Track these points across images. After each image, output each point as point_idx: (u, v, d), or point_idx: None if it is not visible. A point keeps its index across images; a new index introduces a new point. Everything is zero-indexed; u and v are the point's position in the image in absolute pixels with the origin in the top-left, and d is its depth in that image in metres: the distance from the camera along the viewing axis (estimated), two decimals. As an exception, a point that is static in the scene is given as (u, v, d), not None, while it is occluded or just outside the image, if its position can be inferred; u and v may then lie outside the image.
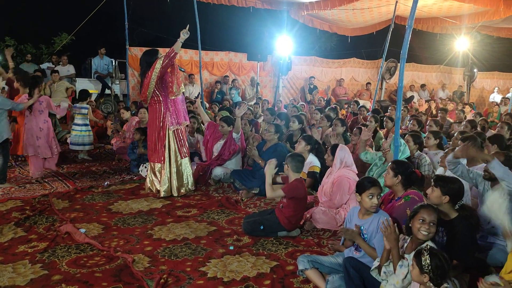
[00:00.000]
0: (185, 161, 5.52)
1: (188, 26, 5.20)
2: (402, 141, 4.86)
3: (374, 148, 5.95)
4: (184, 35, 5.12)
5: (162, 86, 5.25)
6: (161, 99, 5.27)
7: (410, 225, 2.76)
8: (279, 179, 4.50)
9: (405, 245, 2.83)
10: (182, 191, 5.43)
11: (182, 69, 5.82)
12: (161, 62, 5.05)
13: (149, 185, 5.54)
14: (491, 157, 3.28)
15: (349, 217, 3.35)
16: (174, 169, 5.37)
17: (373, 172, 4.98)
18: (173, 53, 5.07)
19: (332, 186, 4.44)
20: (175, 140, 5.38)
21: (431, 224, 2.65)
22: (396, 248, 2.70)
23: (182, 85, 5.46)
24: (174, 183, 5.36)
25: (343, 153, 4.50)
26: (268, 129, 5.91)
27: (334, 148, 4.58)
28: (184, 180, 5.49)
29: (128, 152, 6.83)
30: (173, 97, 5.31)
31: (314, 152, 5.33)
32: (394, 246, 2.70)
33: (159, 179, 5.37)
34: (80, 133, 7.46)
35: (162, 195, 5.29)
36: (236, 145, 6.09)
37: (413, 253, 2.60)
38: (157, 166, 5.40)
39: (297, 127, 6.32)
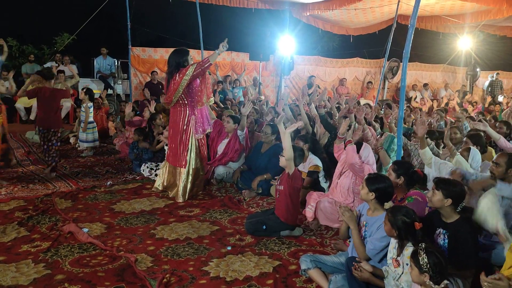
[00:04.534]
0: (202, 167, 5.47)
1: (227, 39, 5.05)
2: (396, 140, 4.86)
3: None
4: (223, 48, 5.01)
5: (189, 91, 5.12)
6: (186, 102, 5.16)
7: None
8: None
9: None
10: (192, 194, 5.37)
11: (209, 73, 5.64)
12: (193, 70, 4.94)
13: (158, 184, 5.51)
14: (493, 182, 3.34)
15: (361, 208, 3.34)
16: (192, 173, 5.29)
17: None
18: (207, 64, 4.96)
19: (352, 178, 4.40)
20: (197, 145, 5.29)
21: None
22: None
23: (212, 96, 5.33)
24: (189, 187, 5.28)
25: (368, 152, 4.40)
26: (265, 131, 5.80)
27: (358, 146, 4.53)
28: (196, 185, 5.42)
29: (128, 152, 6.86)
30: (200, 107, 5.23)
31: (312, 150, 5.30)
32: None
33: (178, 181, 5.27)
34: (91, 131, 7.74)
35: (180, 200, 5.18)
36: (240, 144, 6.07)
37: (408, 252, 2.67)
38: (177, 169, 5.31)
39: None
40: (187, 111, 5.19)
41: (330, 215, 4.31)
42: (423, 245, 2.47)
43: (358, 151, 4.40)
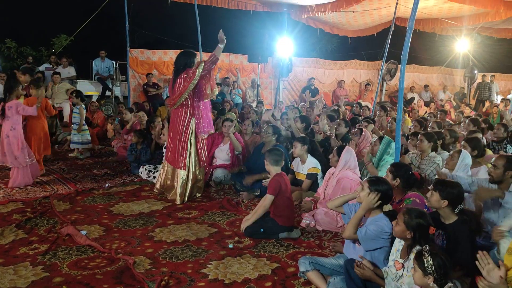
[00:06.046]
0: (202, 170, 5.45)
1: (221, 30, 4.96)
2: (393, 144, 4.87)
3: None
4: (223, 40, 4.99)
5: (194, 91, 5.11)
6: (189, 103, 5.14)
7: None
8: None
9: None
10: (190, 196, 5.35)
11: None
12: (202, 69, 4.93)
13: (157, 186, 5.50)
14: (501, 193, 3.30)
15: (352, 208, 3.32)
16: (191, 176, 5.27)
17: (365, 175, 4.99)
18: (215, 58, 4.94)
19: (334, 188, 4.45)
20: (196, 148, 5.28)
21: None
22: None
23: (216, 87, 5.30)
24: (188, 189, 5.26)
25: (349, 156, 4.47)
26: (266, 130, 5.91)
27: (341, 149, 4.57)
28: (195, 188, 5.41)
29: (127, 154, 6.85)
30: (206, 100, 5.22)
31: (311, 151, 5.32)
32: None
33: (176, 183, 5.24)
34: (85, 132, 7.70)
35: (178, 201, 5.16)
36: (239, 159, 6.12)
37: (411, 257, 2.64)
38: (175, 170, 5.27)
39: (300, 126, 6.35)
40: (188, 113, 5.17)
41: (328, 224, 4.35)
42: (428, 247, 2.47)
43: (339, 154, 4.47)
